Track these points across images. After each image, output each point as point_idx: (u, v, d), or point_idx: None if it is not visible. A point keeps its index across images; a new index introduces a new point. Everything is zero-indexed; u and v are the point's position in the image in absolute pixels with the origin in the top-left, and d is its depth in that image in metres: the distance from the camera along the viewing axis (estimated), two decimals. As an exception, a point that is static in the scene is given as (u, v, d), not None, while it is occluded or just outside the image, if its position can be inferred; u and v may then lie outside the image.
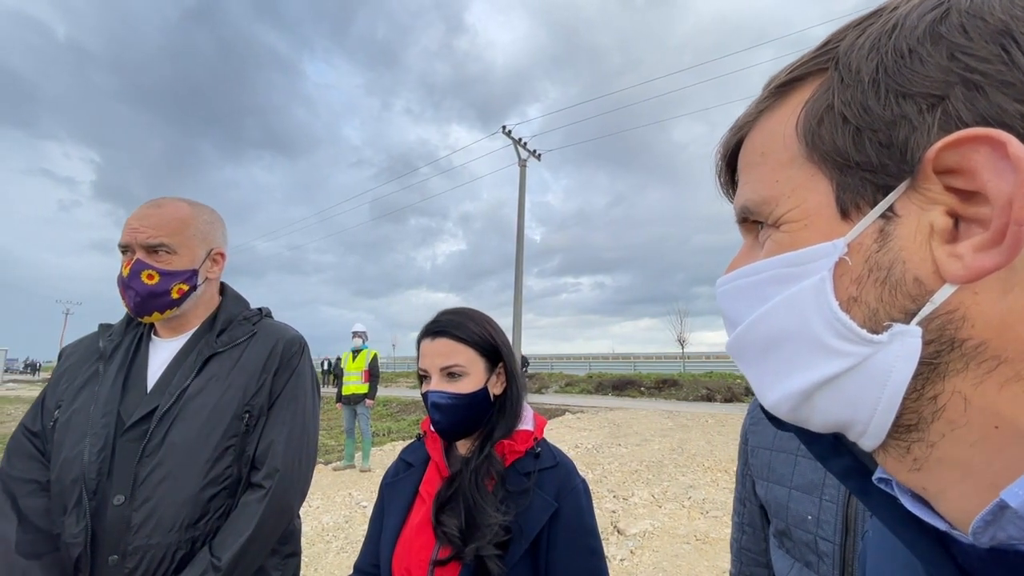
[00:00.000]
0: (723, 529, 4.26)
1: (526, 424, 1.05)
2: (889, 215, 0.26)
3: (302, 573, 1.26)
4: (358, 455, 7.23)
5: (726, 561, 0.98)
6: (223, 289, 1.33)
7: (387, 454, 7.74)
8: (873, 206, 0.27)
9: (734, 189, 0.37)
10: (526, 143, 18.90)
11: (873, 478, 0.31)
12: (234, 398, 1.13)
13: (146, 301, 1.12)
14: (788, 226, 0.30)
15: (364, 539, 1.09)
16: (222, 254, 1.28)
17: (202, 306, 1.24)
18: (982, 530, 0.24)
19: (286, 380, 1.22)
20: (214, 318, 1.24)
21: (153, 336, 1.22)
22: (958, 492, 0.26)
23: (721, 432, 9.11)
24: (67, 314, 71.27)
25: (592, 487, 5.51)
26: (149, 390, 1.12)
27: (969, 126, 0.24)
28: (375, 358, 7.11)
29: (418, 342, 1.06)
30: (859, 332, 0.26)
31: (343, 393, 7.01)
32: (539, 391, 19.42)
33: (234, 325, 1.24)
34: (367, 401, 6.97)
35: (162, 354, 1.18)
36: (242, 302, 1.33)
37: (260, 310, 1.34)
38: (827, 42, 0.31)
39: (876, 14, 0.29)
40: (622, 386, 18.38)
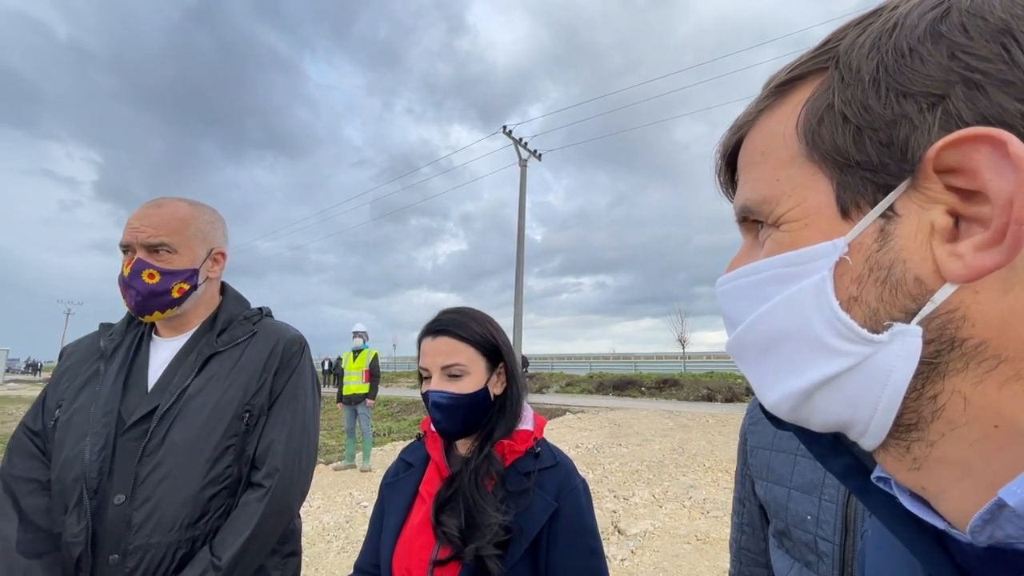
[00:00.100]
0: (724, 529, 4.25)
1: (526, 424, 1.05)
2: (890, 214, 0.26)
3: (303, 573, 1.26)
4: (359, 455, 7.23)
5: (727, 561, 0.98)
6: (224, 289, 1.33)
7: (388, 454, 7.74)
8: (874, 205, 0.27)
9: (734, 188, 0.37)
10: (527, 143, 18.90)
11: (872, 477, 0.31)
12: (234, 398, 1.13)
13: (147, 300, 1.12)
14: (788, 225, 0.30)
15: (364, 539, 1.09)
16: (223, 254, 1.28)
17: (203, 306, 1.25)
18: (980, 529, 0.24)
19: (286, 380, 1.22)
20: (215, 318, 1.25)
21: (154, 335, 1.22)
22: (957, 491, 0.26)
23: (722, 432, 9.10)
24: (68, 314, 71.38)
25: (593, 487, 5.52)
26: (150, 389, 1.12)
27: (970, 125, 0.24)
28: (376, 358, 7.11)
29: (419, 341, 1.06)
30: (859, 332, 0.26)
31: (344, 393, 7.01)
32: (540, 391, 19.41)
33: (234, 325, 1.25)
34: (368, 401, 6.97)
35: (163, 353, 1.18)
36: (243, 302, 1.34)
37: (260, 310, 1.35)
38: (827, 41, 0.30)
39: (876, 13, 0.29)
40: (623, 386, 18.37)
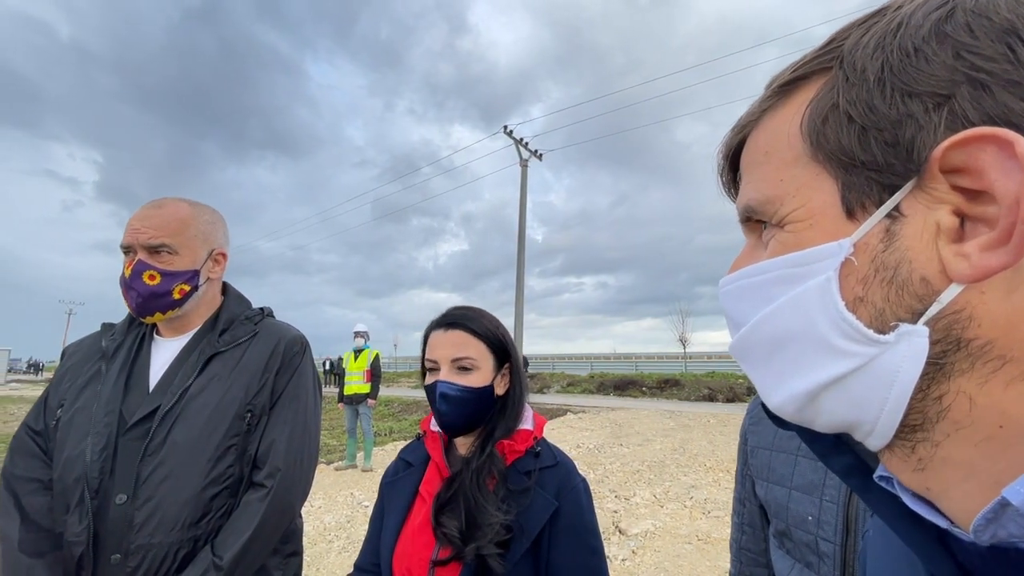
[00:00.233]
0: (725, 529, 4.25)
1: (526, 423, 1.05)
2: (895, 215, 0.26)
3: (304, 573, 1.26)
4: (360, 455, 7.24)
5: (727, 561, 0.97)
6: (225, 289, 1.34)
7: (389, 454, 7.74)
8: (879, 206, 0.27)
9: (737, 189, 0.37)
10: (527, 143, 18.91)
11: (874, 476, 0.31)
12: (236, 397, 1.14)
13: (148, 301, 1.12)
14: (793, 226, 0.30)
15: (365, 538, 1.09)
16: (224, 254, 1.29)
17: (204, 306, 1.25)
18: (983, 528, 0.24)
19: (288, 379, 1.22)
20: (216, 318, 1.25)
21: (155, 336, 1.22)
22: (961, 491, 0.26)
23: (723, 432, 9.09)
24: (70, 314, 71.53)
25: (594, 487, 5.52)
26: (151, 389, 1.12)
27: (976, 125, 0.24)
28: (377, 358, 7.12)
29: (427, 333, 1.06)
30: (865, 332, 0.26)
31: (345, 393, 7.02)
32: (541, 391, 19.41)
33: (236, 325, 1.25)
34: (369, 401, 6.98)
35: (164, 354, 1.19)
36: (244, 302, 1.34)
37: (262, 310, 1.35)
38: (831, 41, 0.30)
39: (881, 13, 0.29)
40: (624, 386, 18.34)
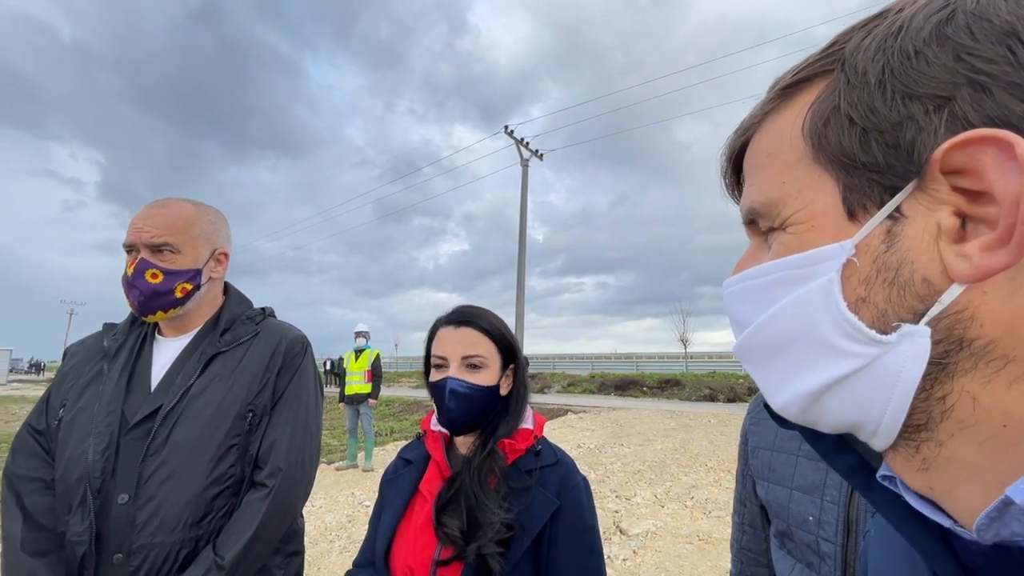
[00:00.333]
0: (726, 529, 4.25)
1: (526, 423, 1.05)
2: (896, 216, 0.26)
3: (305, 572, 1.27)
4: (361, 455, 7.25)
5: (728, 561, 0.98)
6: (226, 289, 1.34)
7: (389, 454, 7.75)
8: (880, 207, 0.27)
9: (740, 191, 0.37)
10: (528, 143, 18.91)
11: (877, 475, 0.31)
12: (237, 397, 1.14)
13: (150, 300, 1.13)
14: (795, 227, 0.30)
15: (365, 537, 1.09)
16: (226, 254, 1.29)
17: (206, 306, 1.25)
18: (986, 527, 0.24)
19: (289, 379, 1.23)
20: (217, 317, 1.25)
21: (157, 335, 1.22)
22: (965, 491, 0.26)
23: (724, 432, 9.08)
24: (71, 314, 71.68)
25: (594, 487, 5.52)
26: (153, 389, 1.13)
27: (976, 127, 0.24)
28: (378, 358, 7.12)
29: (434, 330, 1.06)
30: (868, 333, 0.27)
31: (346, 393, 7.03)
32: (541, 391, 19.40)
33: (237, 324, 1.25)
34: (370, 401, 6.99)
35: (166, 353, 1.19)
36: (245, 302, 1.34)
37: (263, 310, 1.35)
38: (833, 43, 0.30)
39: (882, 15, 0.29)
40: (624, 386, 18.33)
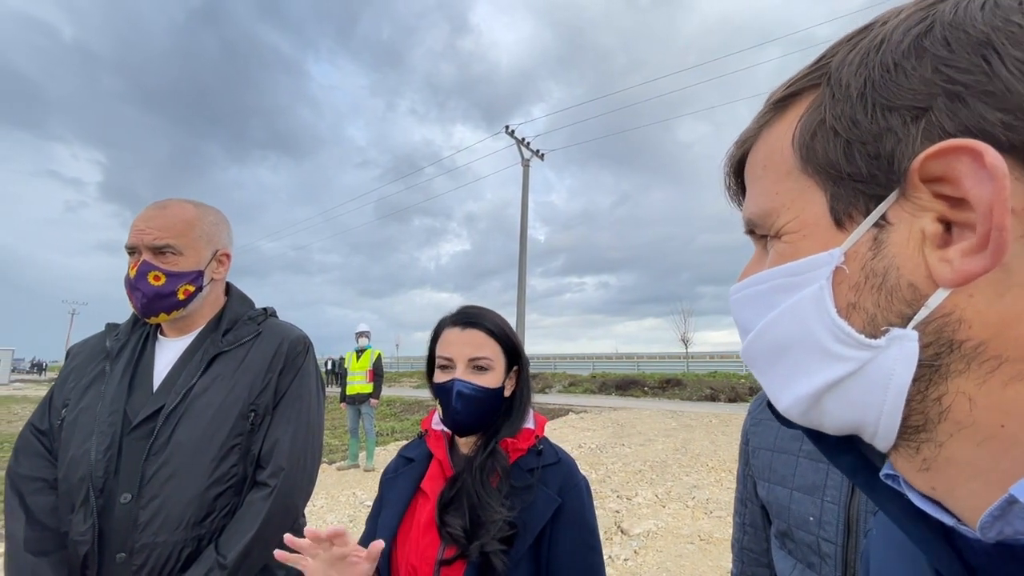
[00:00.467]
0: (727, 529, 4.25)
1: (528, 423, 1.05)
2: (882, 223, 0.27)
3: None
4: (362, 455, 7.26)
5: (730, 561, 0.98)
6: (228, 289, 1.34)
7: (391, 454, 7.76)
8: (866, 215, 0.28)
9: (743, 200, 0.38)
10: (529, 143, 18.91)
11: (880, 474, 0.32)
12: (239, 397, 1.14)
13: (153, 302, 1.13)
14: (788, 236, 0.31)
15: (363, 533, 1.09)
16: (227, 255, 1.29)
17: (208, 306, 1.26)
18: (989, 525, 0.25)
19: (291, 379, 1.23)
20: (219, 318, 1.25)
21: (159, 336, 1.23)
22: (967, 491, 0.26)
23: (725, 432, 9.07)
24: (73, 314, 71.86)
25: (596, 487, 5.51)
26: (155, 389, 1.13)
27: (953, 136, 0.25)
28: (379, 358, 7.13)
29: (439, 330, 1.06)
30: (857, 337, 0.27)
31: (348, 393, 7.04)
32: (542, 391, 19.40)
33: (239, 325, 1.25)
34: (372, 401, 7.00)
35: (168, 353, 1.19)
36: (247, 302, 1.34)
37: (265, 310, 1.35)
38: (821, 58, 0.32)
39: (867, 29, 0.30)
40: (626, 386, 18.31)
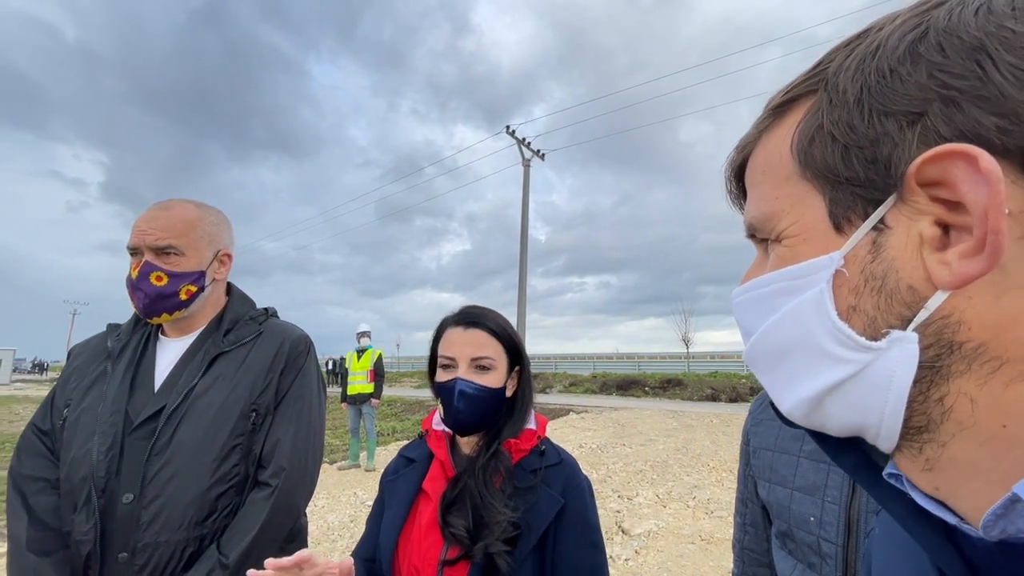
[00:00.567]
0: (728, 529, 4.25)
1: (529, 423, 1.06)
2: (881, 227, 0.27)
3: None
4: (363, 454, 7.26)
5: (731, 561, 0.98)
6: (229, 289, 1.35)
7: (391, 454, 7.73)
8: (865, 219, 0.28)
9: (744, 203, 0.39)
10: (530, 143, 18.91)
11: (883, 473, 0.32)
12: (241, 397, 1.14)
13: (155, 303, 1.13)
14: (789, 240, 0.32)
15: (363, 533, 1.09)
16: (229, 255, 1.30)
17: (209, 306, 1.26)
18: (992, 524, 0.25)
19: (292, 379, 1.23)
20: (220, 318, 1.26)
21: (160, 336, 1.23)
22: (969, 490, 0.26)
23: (726, 432, 9.07)
24: (74, 314, 72.00)
25: (596, 487, 5.51)
26: (156, 389, 1.13)
27: (948, 140, 0.25)
28: (380, 358, 7.13)
29: (442, 329, 1.06)
30: (858, 340, 0.28)
31: (349, 393, 7.04)
32: (543, 391, 19.39)
33: (240, 325, 1.26)
34: (372, 401, 7.00)
35: (169, 354, 1.20)
36: (248, 302, 1.35)
37: (266, 310, 1.35)
38: (818, 64, 0.32)
39: (864, 35, 0.30)
40: (626, 386, 18.30)
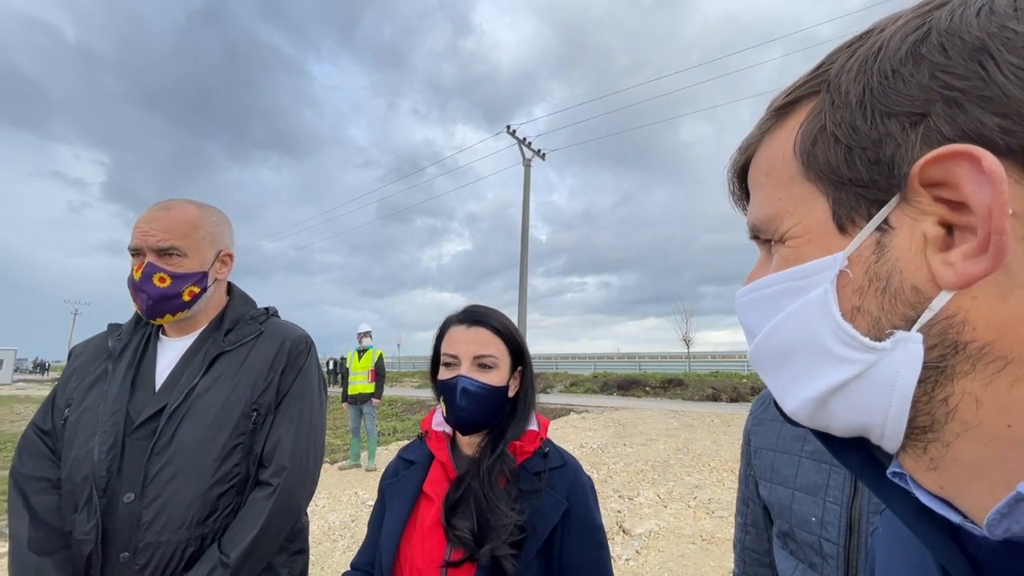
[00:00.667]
0: (729, 529, 4.24)
1: (531, 424, 1.06)
2: (884, 227, 0.27)
3: (309, 571, 1.27)
4: (364, 454, 7.26)
5: (732, 561, 0.99)
6: (230, 289, 1.35)
7: (392, 453, 7.71)
8: (868, 220, 0.28)
9: (747, 205, 0.39)
10: (530, 143, 18.91)
11: (888, 472, 0.32)
12: (242, 396, 1.14)
13: (158, 304, 1.13)
14: (792, 241, 0.32)
15: (364, 540, 1.10)
16: (230, 255, 1.30)
17: (210, 306, 1.26)
18: (996, 522, 0.25)
19: (293, 379, 1.23)
20: (221, 317, 1.26)
21: (161, 335, 1.23)
22: (974, 490, 0.27)
23: (727, 432, 9.06)
24: (75, 314, 72.11)
25: (597, 487, 5.46)
26: (157, 389, 1.13)
27: (951, 141, 0.25)
28: (381, 358, 7.14)
29: (445, 328, 1.06)
30: (862, 340, 0.28)
31: (349, 393, 7.05)
32: (544, 391, 19.37)
33: (241, 324, 1.26)
34: (373, 400, 7.00)
35: (170, 353, 1.20)
36: (249, 302, 1.35)
37: (267, 309, 1.35)
38: (821, 65, 0.32)
39: (866, 35, 0.30)
40: (627, 386, 18.29)
